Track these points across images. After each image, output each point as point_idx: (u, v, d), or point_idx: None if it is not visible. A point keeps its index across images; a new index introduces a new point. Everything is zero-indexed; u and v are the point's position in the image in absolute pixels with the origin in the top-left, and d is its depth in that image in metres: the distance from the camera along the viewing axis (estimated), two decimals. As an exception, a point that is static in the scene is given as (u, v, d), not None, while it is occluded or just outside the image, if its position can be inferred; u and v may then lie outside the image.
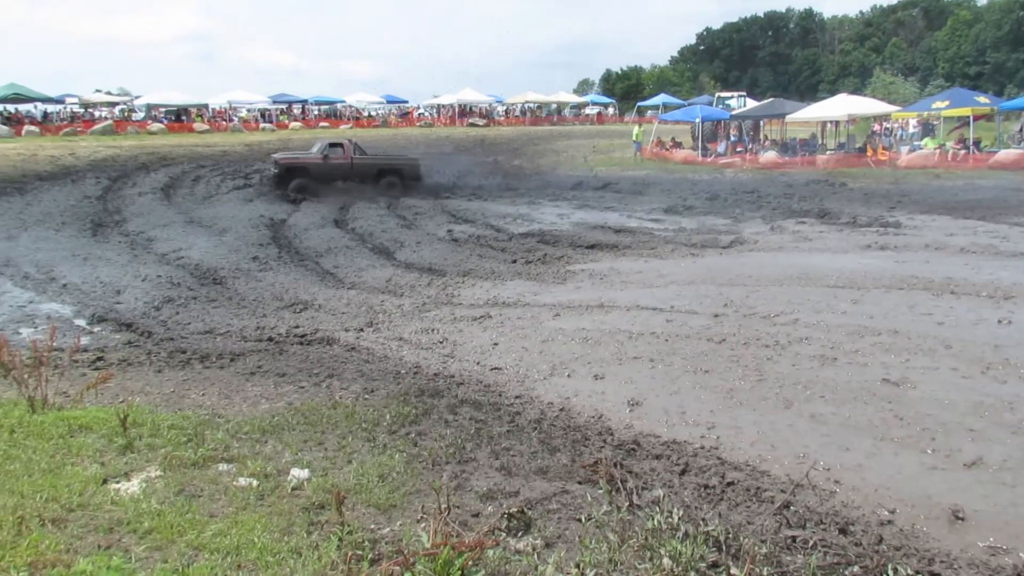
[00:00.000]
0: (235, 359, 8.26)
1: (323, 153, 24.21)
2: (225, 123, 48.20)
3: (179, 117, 47.80)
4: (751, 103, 47.23)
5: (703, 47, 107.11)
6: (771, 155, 32.40)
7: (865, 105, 34.39)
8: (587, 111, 70.34)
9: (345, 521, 3.86)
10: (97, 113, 47.72)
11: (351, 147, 24.67)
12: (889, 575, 3.74)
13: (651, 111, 57.08)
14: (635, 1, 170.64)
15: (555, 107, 68.79)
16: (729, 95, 56.53)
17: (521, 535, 4.01)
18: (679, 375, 7.63)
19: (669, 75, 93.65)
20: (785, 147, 33.73)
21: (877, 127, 35.24)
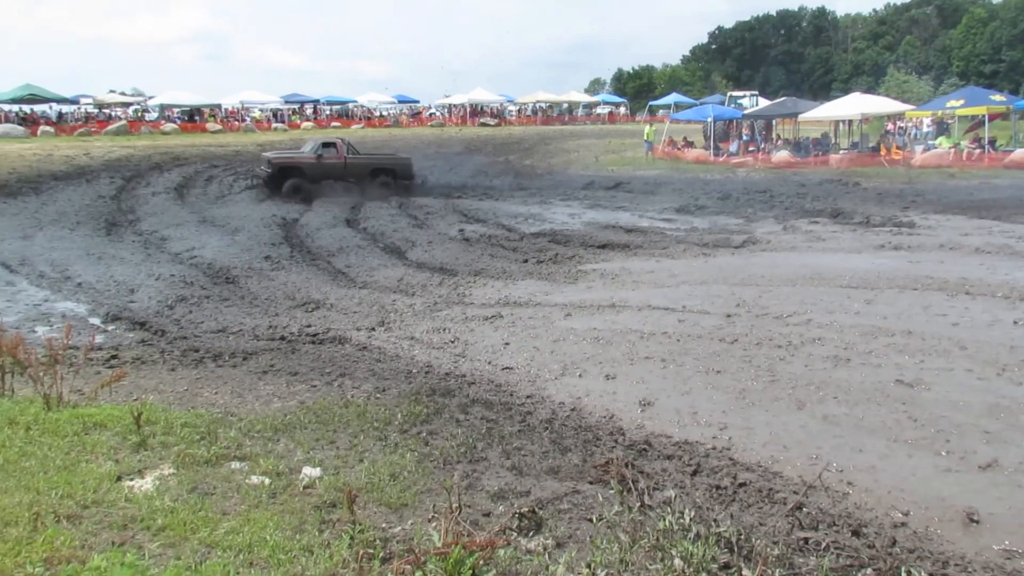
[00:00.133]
0: (248, 358, 8.30)
1: (317, 153, 23.88)
2: (238, 123, 48.43)
3: (192, 117, 48.09)
4: (763, 102, 47.02)
5: (715, 46, 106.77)
6: (783, 154, 32.25)
7: (879, 104, 34.19)
8: (598, 110, 70.24)
9: (356, 520, 3.87)
10: (111, 113, 48.04)
11: (344, 146, 24.43)
12: (902, 577, 3.72)
13: (663, 110, 57.03)
14: (646, 0, 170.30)
15: (566, 107, 68.74)
16: (741, 94, 56.27)
17: (532, 535, 4.01)
18: (691, 375, 7.61)
19: (681, 74, 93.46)
20: (798, 146, 33.55)
21: (891, 126, 35.03)
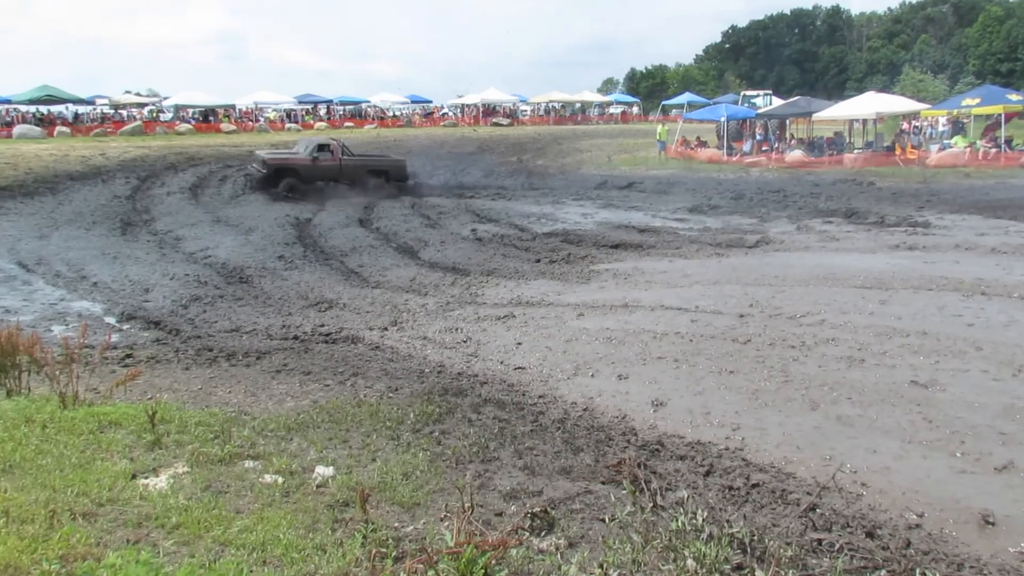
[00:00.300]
0: (261, 357, 8.34)
1: (312, 154, 23.74)
2: (251, 123, 48.66)
3: (206, 118, 48.34)
4: (777, 101, 46.74)
5: (728, 45, 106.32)
6: (797, 154, 32.04)
7: (894, 103, 33.89)
8: (611, 110, 70.12)
9: (369, 519, 3.89)
10: (126, 114, 48.32)
11: (339, 148, 24.35)
12: (917, 579, 3.70)
13: (676, 110, 56.84)
14: (660, 0, 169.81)
15: (579, 106, 68.64)
16: (755, 93, 56.01)
17: (544, 535, 4.01)
18: (704, 375, 7.58)
19: (694, 74, 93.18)
20: (811, 146, 33.33)
21: (906, 125, 34.75)
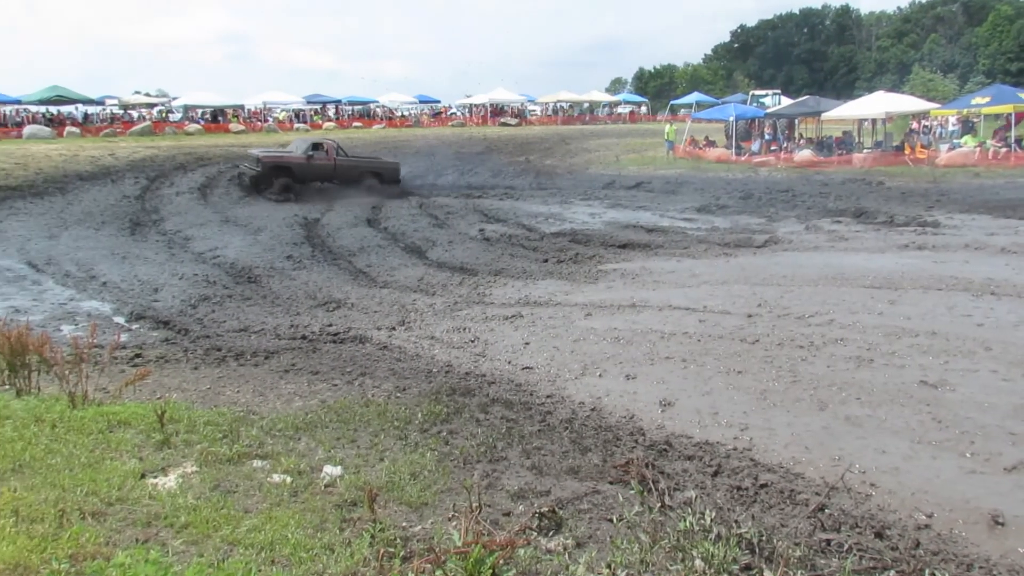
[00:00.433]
0: (269, 357, 8.36)
1: (307, 154, 23.72)
2: (260, 123, 48.73)
3: (215, 118, 48.44)
4: (786, 101, 46.58)
5: (737, 45, 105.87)
6: (806, 153, 31.91)
7: (903, 102, 33.73)
8: (619, 110, 69.95)
9: (377, 518, 3.89)
10: (136, 114, 48.44)
11: (334, 148, 24.35)
12: (926, 580, 3.68)
13: (684, 109, 56.67)
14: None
15: (587, 106, 68.51)
16: (764, 93, 55.77)
17: (552, 535, 4.01)
18: (712, 375, 7.57)
19: (703, 73, 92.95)
20: (821, 145, 33.21)
21: (915, 125, 34.58)
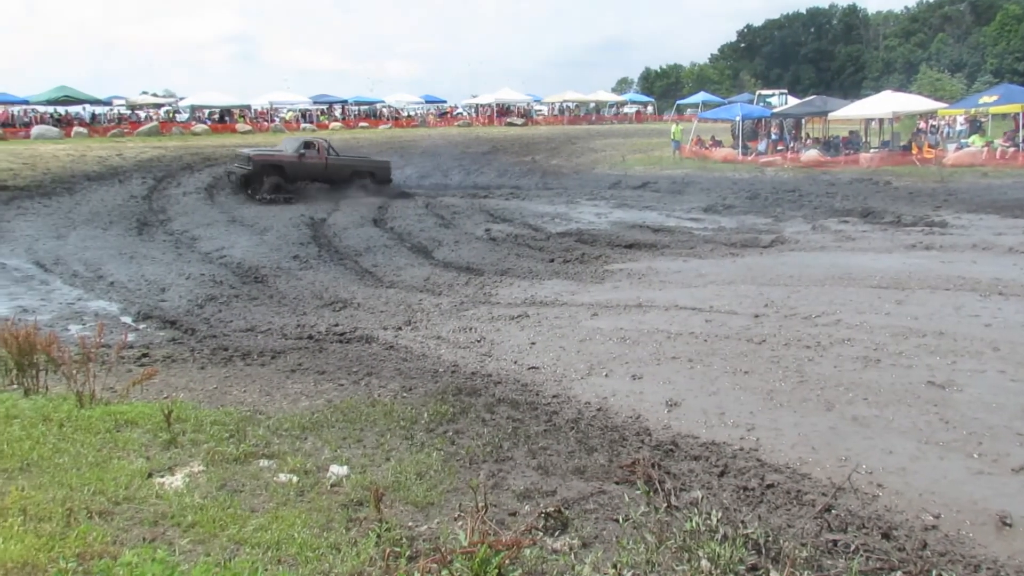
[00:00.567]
0: (276, 357, 8.38)
1: (298, 152, 23.60)
2: (267, 123, 48.84)
3: (222, 118, 48.53)
4: (793, 101, 46.43)
5: (744, 44, 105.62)
6: (813, 153, 31.83)
7: (910, 102, 33.62)
8: (625, 110, 69.89)
9: (383, 518, 3.89)
10: (143, 114, 48.55)
11: (325, 147, 24.27)
12: (934, 582, 3.67)
13: (690, 109, 56.60)
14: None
15: (593, 106, 68.45)
16: (770, 93, 55.57)
17: (558, 535, 4.01)
18: (718, 376, 7.55)
19: (709, 73, 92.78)
20: (827, 145, 33.12)
21: (923, 124, 34.48)
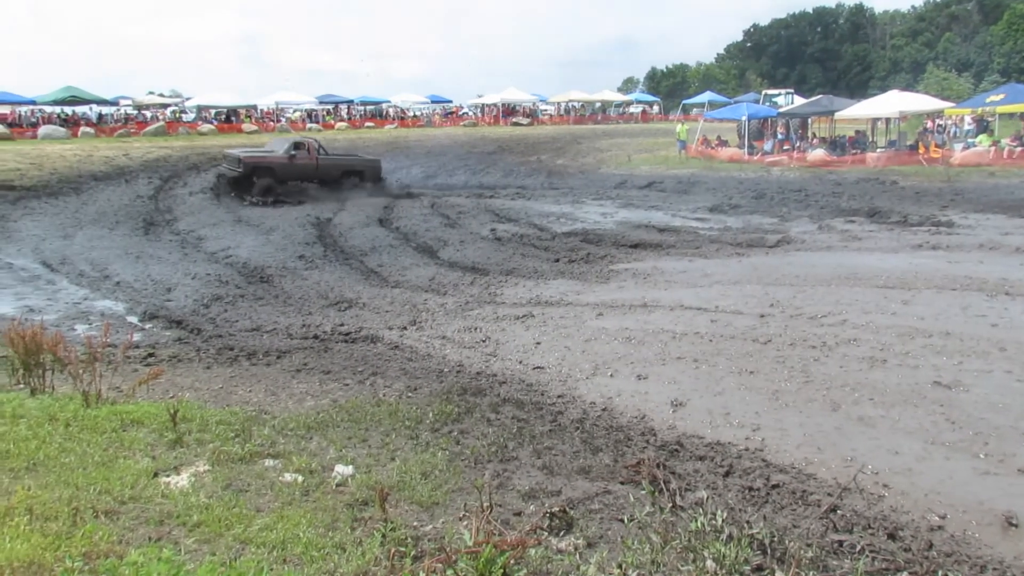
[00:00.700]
0: (281, 356, 8.39)
1: (288, 153, 23.56)
2: (273, 123, 48.93)
3: (228, 118, 48.64)
4: (799, 100, 46.37)
5: (750, 44, 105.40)
6: (819, 153, 31.74)
7: (917, 101, 33.52)
8: (631, 109, 69.78)
9: (388, 518, 3.90)
10: (150, 115, 48.70)
11: (315, 146, 24.24)
12: (940, 582, 3.66)
13: (696, 109, 56.55)
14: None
15: (599, 106, 68.36)
16: (777, 92, 55.48)
17: (563, 535, 4.01)
18: (723, 376, 7.54)
19: (715, 72, 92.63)
20: (834, 145, 33.03)
21: (930, 124, 34.35)
